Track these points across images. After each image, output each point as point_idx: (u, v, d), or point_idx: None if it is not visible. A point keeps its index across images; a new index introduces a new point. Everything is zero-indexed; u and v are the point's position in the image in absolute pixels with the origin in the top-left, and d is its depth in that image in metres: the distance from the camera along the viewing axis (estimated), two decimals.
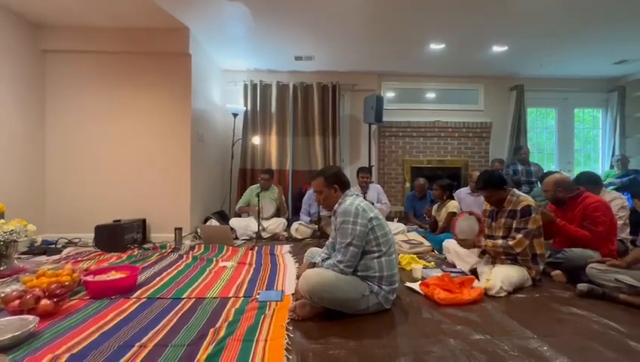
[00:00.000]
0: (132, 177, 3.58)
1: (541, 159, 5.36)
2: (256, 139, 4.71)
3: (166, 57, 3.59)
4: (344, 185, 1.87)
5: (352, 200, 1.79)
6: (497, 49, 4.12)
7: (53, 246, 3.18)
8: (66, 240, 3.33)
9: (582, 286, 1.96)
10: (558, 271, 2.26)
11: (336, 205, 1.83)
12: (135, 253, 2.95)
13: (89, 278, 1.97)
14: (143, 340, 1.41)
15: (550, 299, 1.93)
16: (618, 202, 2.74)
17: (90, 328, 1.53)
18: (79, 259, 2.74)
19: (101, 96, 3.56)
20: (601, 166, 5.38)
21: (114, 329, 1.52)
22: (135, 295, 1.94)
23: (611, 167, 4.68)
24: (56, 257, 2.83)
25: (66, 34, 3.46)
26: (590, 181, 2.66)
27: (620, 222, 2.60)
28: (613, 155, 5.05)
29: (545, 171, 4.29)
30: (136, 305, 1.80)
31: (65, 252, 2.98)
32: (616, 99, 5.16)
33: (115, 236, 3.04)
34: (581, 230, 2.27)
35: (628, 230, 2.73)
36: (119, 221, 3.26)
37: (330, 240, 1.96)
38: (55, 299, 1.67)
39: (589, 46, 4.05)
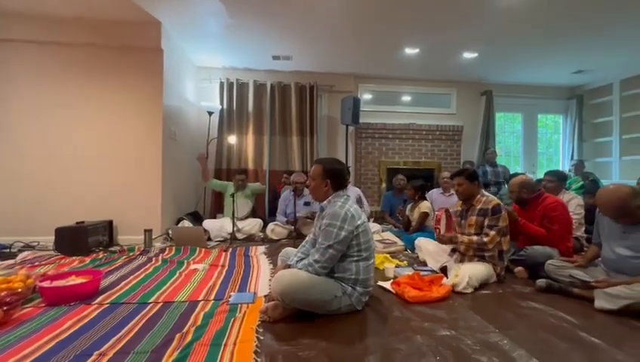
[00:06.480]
0: (98, 176, 3.38)
1: (508, 161, 5.65)
2: (232, 139, 4.62)
3: (136, 52, 3.43)
4: (338, 185, 1.82)
5: (343, 202, 1.75)
6: (468, 55, 4.30)
7: (7, 250, 2.95)
8: (23, 244, 3.10)
9: (540, 282, 2.08)
10: (520, 268, 2.38)
11: (326, 202, 1.80)
12: (100, 256, 2.80)
13: (45, 284, 1.85)
14: (103, 348, 1.34)
15: (512, 295, 2.03)
16: (575, 201, 2.94)
17: (43, 337, 1.43)
18: (36, 263, 2.57)
19: (65, 90, 3.34)
20: (561, 168, 5.74)
21: (71, 338, 1.43)
22: (97, 301, 1.84)
23: (569, 170, 4.98)
24: (10, 262, 2.63)
25: (30, 23, 3.22)
26: (559, 178, 3.05)
27: (575, 221, 2.78)
28: (572, 159, 5.41)
29: (512, 173, 4.51)
30: (97, 312, 1.71)
31: (20, 256, 2.77)
32: (575, 106, 5.55)
33: (78, 239, 2.87)
34: (539, 228, 2.43)
35: (583, 228, 2.94)
36: (82, 223, 3.08)
37: (310, 236, 1.91)
38: (5, 308, 1.55)
39: (551, 55, 4.31)
